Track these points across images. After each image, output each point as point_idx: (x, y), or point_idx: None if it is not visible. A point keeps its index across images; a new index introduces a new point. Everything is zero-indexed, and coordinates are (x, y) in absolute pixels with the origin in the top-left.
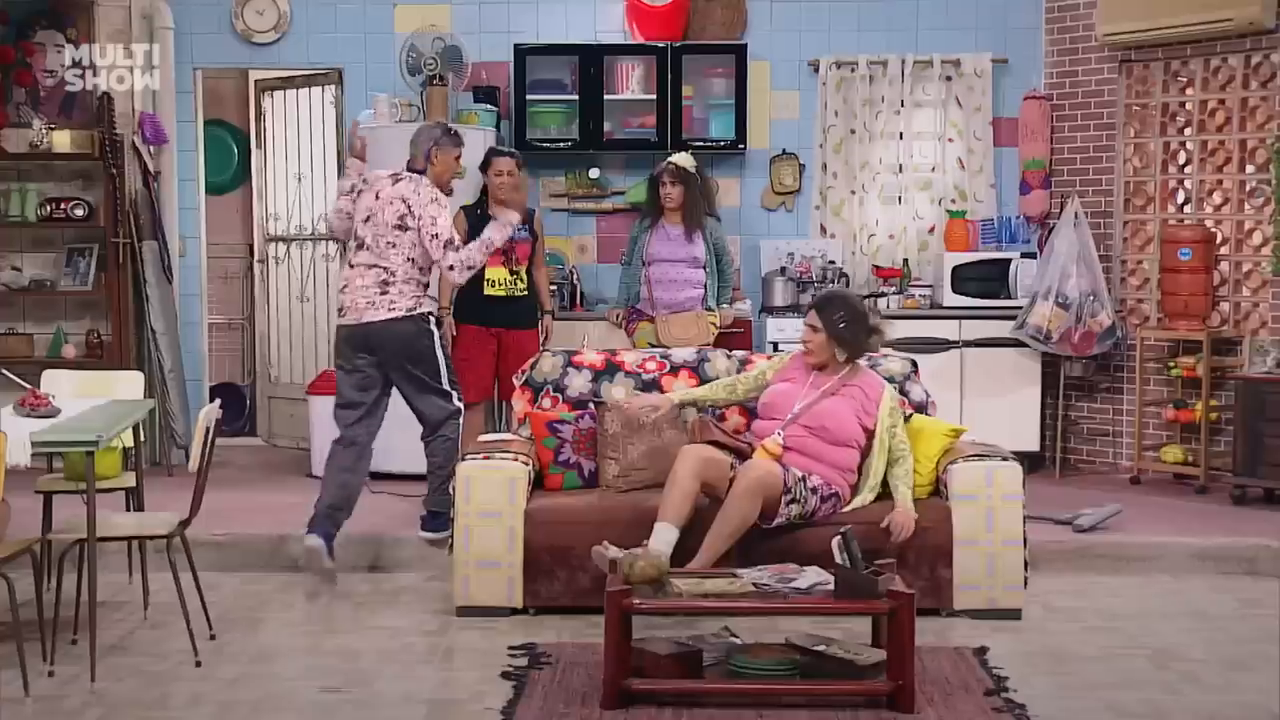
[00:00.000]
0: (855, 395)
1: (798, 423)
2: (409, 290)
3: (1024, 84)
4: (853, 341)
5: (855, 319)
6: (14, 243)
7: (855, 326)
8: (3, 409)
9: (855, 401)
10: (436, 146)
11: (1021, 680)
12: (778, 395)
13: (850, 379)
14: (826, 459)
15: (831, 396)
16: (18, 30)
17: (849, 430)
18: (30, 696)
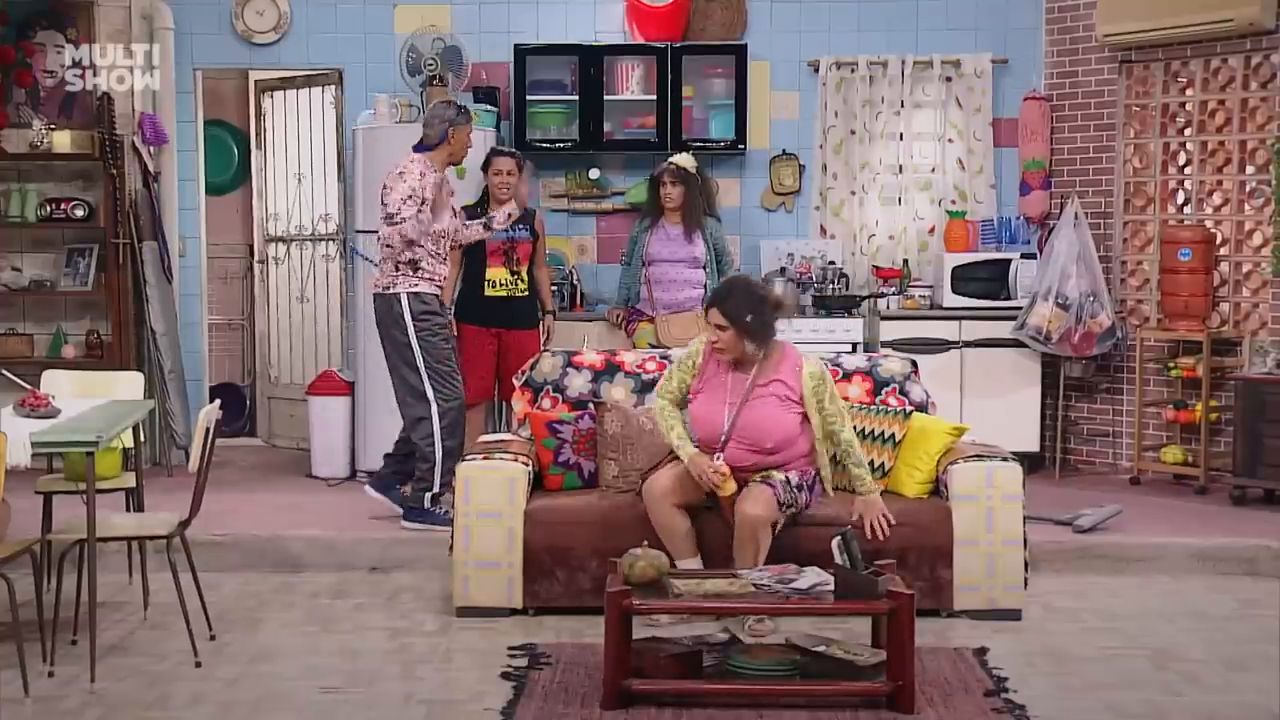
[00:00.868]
0: (777, 389)
1: (732, 441)
2: (387, 268)
3: (1024, 84)
4: (761, 330)
5: (757, 305)
6: (14, 243)
7: (759, 313)
8: (3, 409)
9: (779, 396)
10: (453, 126)
11: (1021, 681)
12: (701, 413)
13: (767, 370)
14: (777, 463)
15: (754, 403)
16: (18, 30)
17: (783, 430)
18: (30, 697)
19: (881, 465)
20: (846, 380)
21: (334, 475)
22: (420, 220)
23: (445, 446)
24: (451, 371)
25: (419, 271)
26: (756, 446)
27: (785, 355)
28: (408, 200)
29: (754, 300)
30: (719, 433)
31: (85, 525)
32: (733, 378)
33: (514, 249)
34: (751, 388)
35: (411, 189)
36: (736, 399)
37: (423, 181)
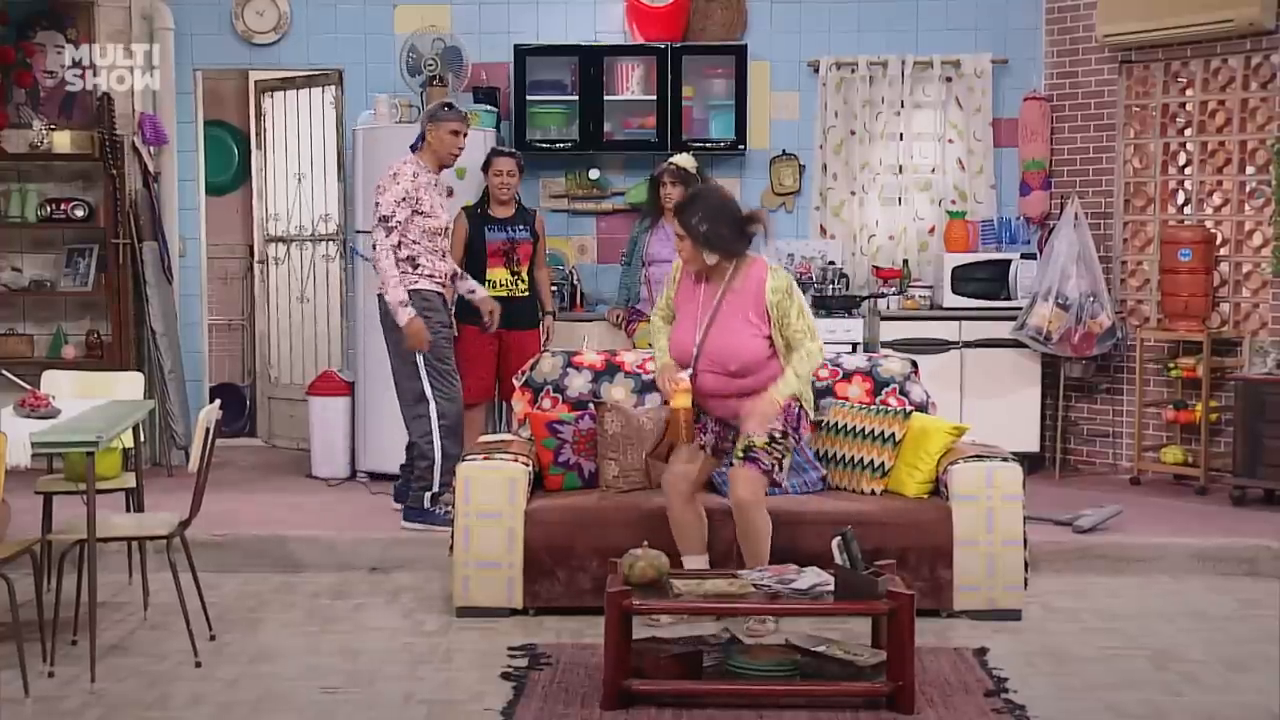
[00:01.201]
0: (742, 306)
1: (702, 363)
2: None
3: (1024, 85)
4: (716, 242)
5: (714, 217)
6: (14, 243)
7: (716, 225)
8: (3, 409)
9: (743, 309)
10: (431, 122)
11: (1021, 681)
12: (675, 334)
13: (735, 281)
14: (746, 391)
15: (720, 322)
16: (18, 31)
17: (750, 353)
18: (30, 697)
19: (881, 465)
20: (847, 380)
21: (334, 475)
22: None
23: (444, 446)
24: (450, 371)
25: (418, 269)
26: (723, 369)
27: (753, 268)
28: (400, 203)
29: (714, 210)
30: (689, 355)
31: (85, 525)
32: (704, 295)
33: (514, 249)
34: (718, 305)
35: (405, 191)
36: (705, 317)
37: (415, 183)
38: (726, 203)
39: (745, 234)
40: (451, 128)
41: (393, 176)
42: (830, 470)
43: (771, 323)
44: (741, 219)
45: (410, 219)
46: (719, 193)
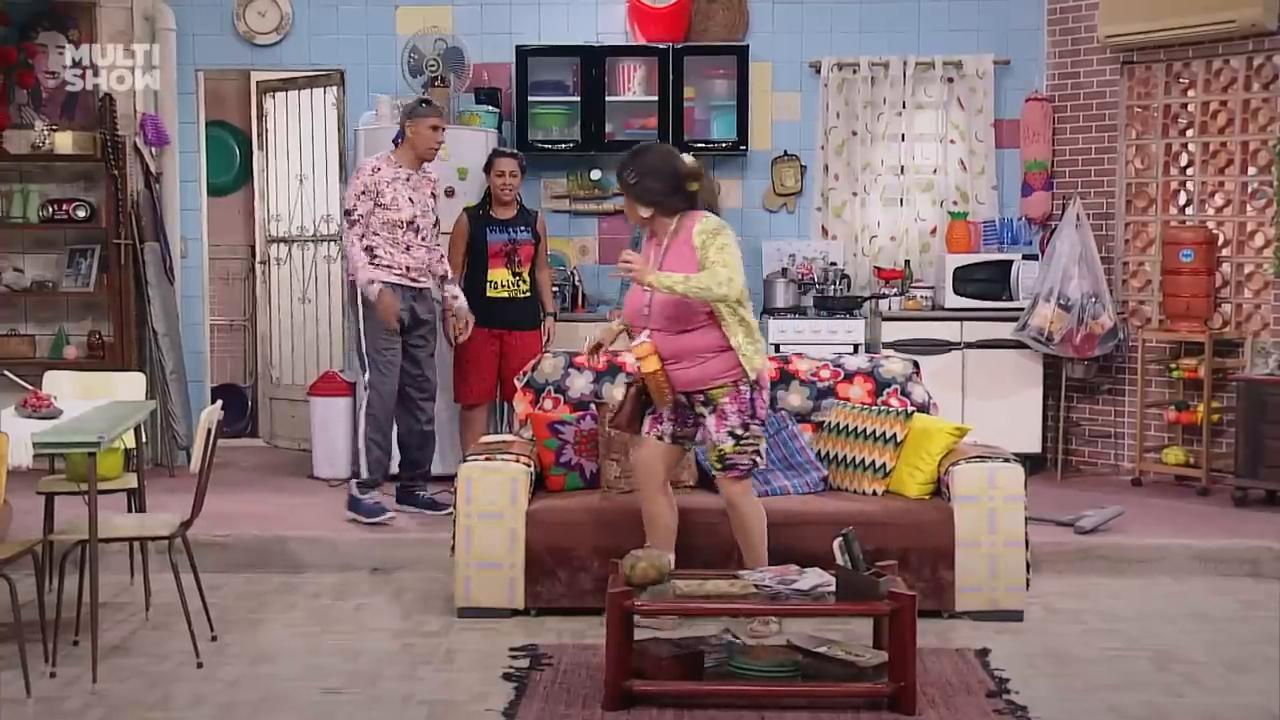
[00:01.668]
0: (681, 254)
1: (651, 319)
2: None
3: (1026, 85)
4: (646, 196)
5: (647, 173)
6: (16, 244)
7: (647, 179)
8: (5, 410)
9: (682, 263)
10: (408, 119)
11: (1023, 682)
12: (628, 297)
13: (677, 236)
14: (693, 349)
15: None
16: (20, 31)
17: (680, 302)
18: (32, 697)
19: (883, 466)
20: (848, 381)
21: (335, 476)
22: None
23: (369, 435)
24: (389, 363)
25: (375, 260)
26: (666, 326)
27: (688, 221)
28: (361, 196)
29: (647, 165)
30: (641, 316)
31: (87, 526)
32: (653, 255)
33: (516, 250)
34: (661, 262)
35: (364, 185)
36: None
37: (375, 177)
38: (663, 159)
39: (681, 190)
40: (431, 123)
41: (357, 171)
42: (832, 471)
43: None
44: (677, 175)
45: (372, 211)
46: (657, 150)
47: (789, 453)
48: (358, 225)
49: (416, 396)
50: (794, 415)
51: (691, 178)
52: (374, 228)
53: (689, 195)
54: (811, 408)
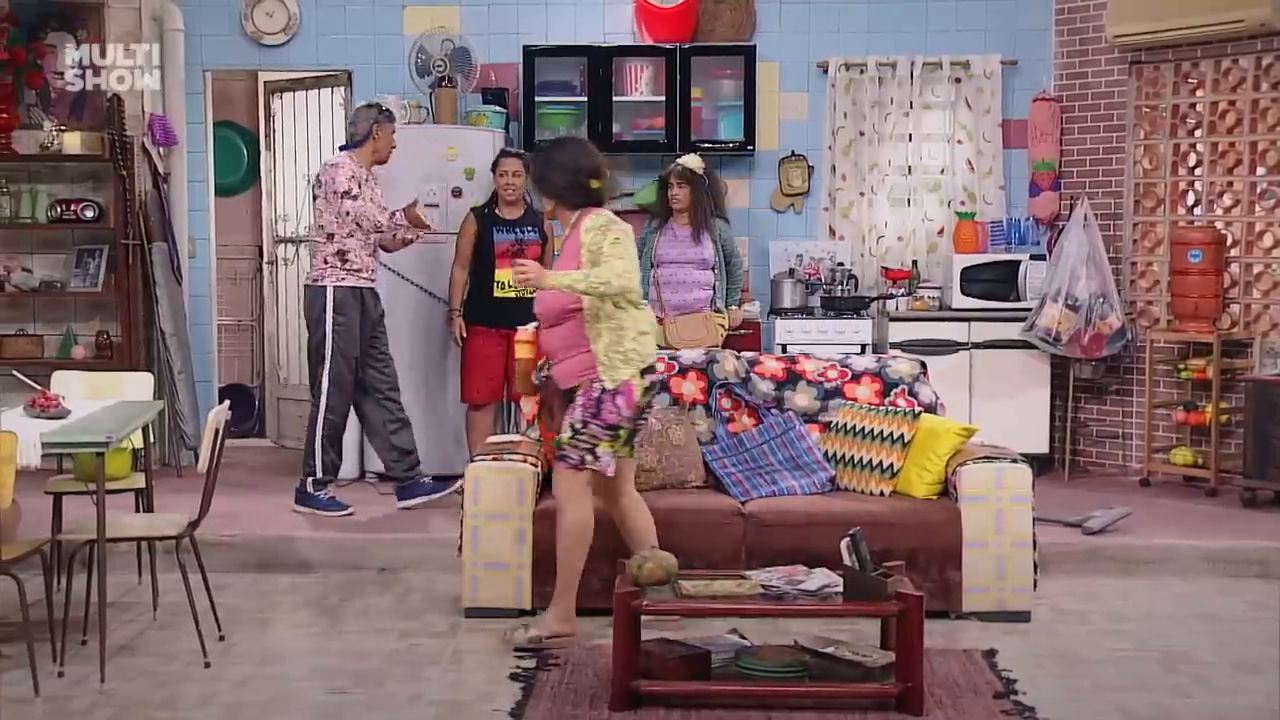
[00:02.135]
0: (572, 249)
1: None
2: (317, 261)
3: (1033, 86)
4: (549, 191)
5: (551, 167)
6: (24, 244)
7: (552, 175)
8: (13, 410)
9: (572, 259)
10: (377, 124)
11: (1031, 683)
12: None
13: (571, 234)
14: (560, 345)
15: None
16: (29, 32)
17: (550, 298)
18: (40, 696)
19: (890, 466)
20: (855, 382)
21: (343, 476)
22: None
23: (326, 432)
24: (351, 361)
25: (346, 264)
26: (543, 320)
27: (584, 218)
28: (351, 180)
29: (550, 159)
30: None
31: (95, 526)
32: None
33: (522, 250)
34: (557, 258)
35: (353, 172)
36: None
37: (352, 177)
38: (569, 153)
39: (582, 186)
40: (393, 129)
41: (335, 166)
42: (839, 471)
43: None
44: (580, 170)
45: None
46: (569, 143)
47: (796, 453)
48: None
49: (386, 389)
50: (801, 415)
51: (593, 175)
52: (348, 229)
53: (589, 192)
54: (819, 408)
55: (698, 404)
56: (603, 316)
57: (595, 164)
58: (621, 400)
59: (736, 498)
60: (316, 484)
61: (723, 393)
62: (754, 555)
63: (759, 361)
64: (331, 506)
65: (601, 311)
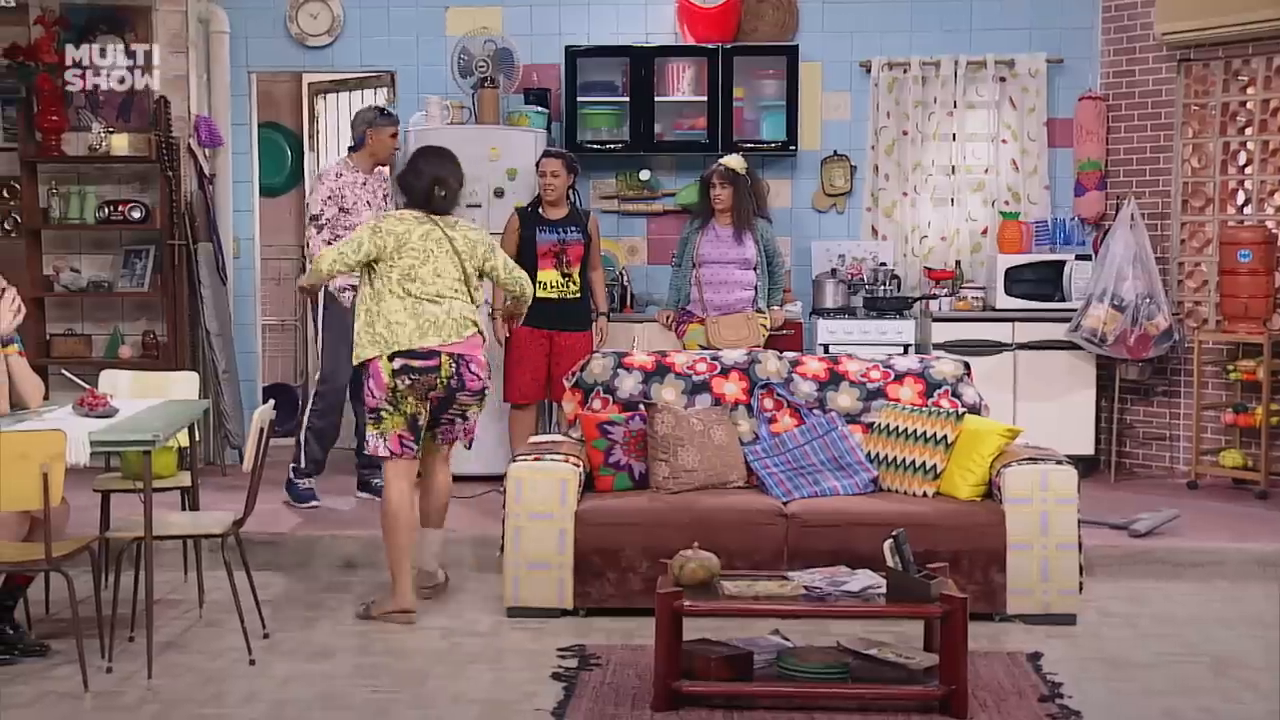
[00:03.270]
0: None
1: None
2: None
3: (1079, 84)
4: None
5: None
6: (74, 244)
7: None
8: (63, 409)
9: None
10: (370, 127)
11: (1076, 686)
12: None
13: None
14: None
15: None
16: (79, 35)
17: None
18: (89, 692)
19: (933, 467)
20: (898, 382)
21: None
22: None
23: (311, 427)
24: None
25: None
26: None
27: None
28: (327, 201)
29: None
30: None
31: (142, 523)
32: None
33: (565, 251)
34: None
35: (330, 190)
36: None
37: (339, 182)
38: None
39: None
40: (390, 131)
41: (320, 177)
42: (881, 472)
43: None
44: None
45: (337, 216)
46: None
47: (838, 453)
48: (325, 230)
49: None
50: (843, 416)
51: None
52: (338, 233)
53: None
54: (861, 409)
55: (740, 404)
56: (364, 299)
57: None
58: (372, 382)
59: (778, 498)
60: (297, 473)
61: (765, 393)
62: (796, 556)
63: (801, 362)
64: (303, 497)
65: (365, 294)
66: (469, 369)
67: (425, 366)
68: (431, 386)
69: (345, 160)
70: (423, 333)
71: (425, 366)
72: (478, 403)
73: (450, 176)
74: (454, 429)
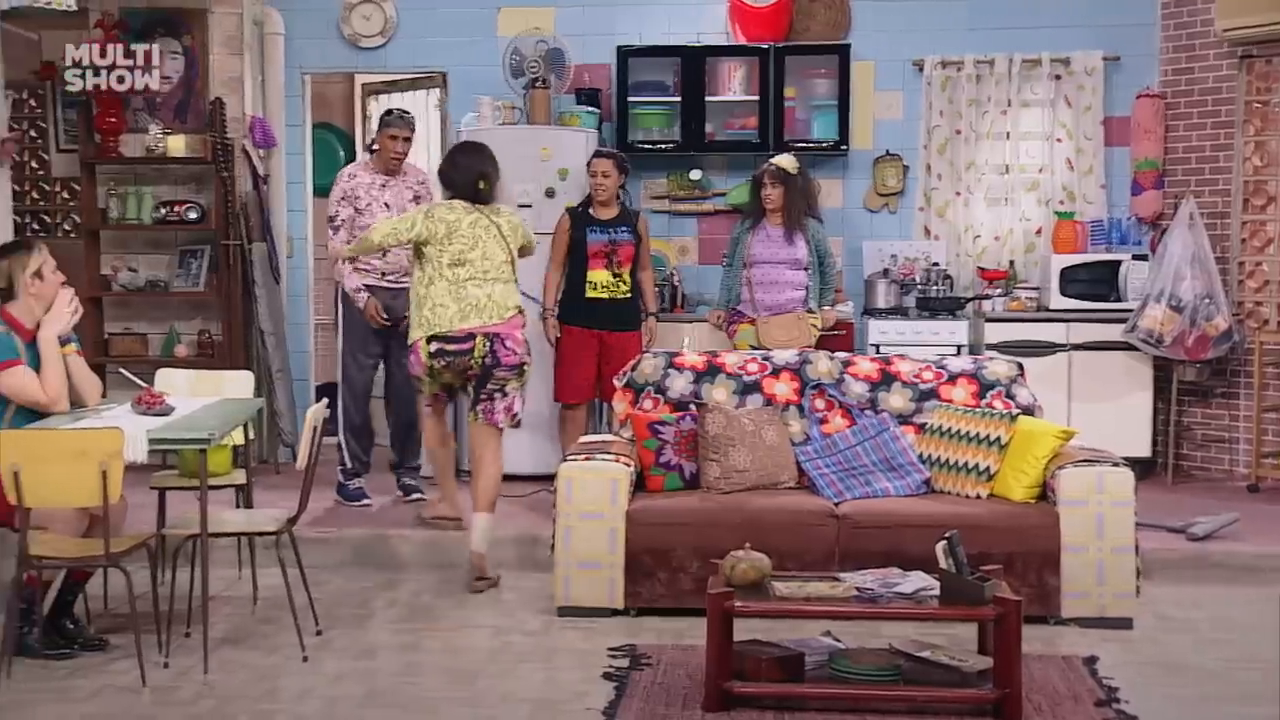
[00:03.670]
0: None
1: None
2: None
3: (1137, 82)
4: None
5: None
6: (131, 244)
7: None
8: (120, 407)
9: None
10: (379, 130)
11: (1134, 691)
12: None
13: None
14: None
15: None
16: (137, 38)
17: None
18: (147, 686)
19: (987, 469)
20: (951, 383)
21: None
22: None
23: (348, 424)
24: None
25: (353, 262)
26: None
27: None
28: (340, 202)
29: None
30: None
31: (198, 521)
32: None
33: (615, 251)
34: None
35: (343, 191)
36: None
37: (351, 183)
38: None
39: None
40: (389, 133)
41: (335, 179)
42: (934, 473)
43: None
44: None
45: (353, 217)
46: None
47: (890, 454)
48: (342, 230)
49: (400, 394)
50: (896, 417)
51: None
52: (354, 233)
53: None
54: (913, 409)
55: (791, 405)
56: (418, 283)
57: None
58: (413, 358)
59: (830, 499)
60: (345, 474)
61: (816, 393)
62: (847, 557)
63: (853, 362)
64: (354, 497)
65: (417, 278)
66: (504, 345)
67: (459, 350)
68: (468, 366)
69: (364, 163)
70: (464, 315)
71: (459, 350)
72: (515, 377)
73: (491, 170)
74: (494, 405)
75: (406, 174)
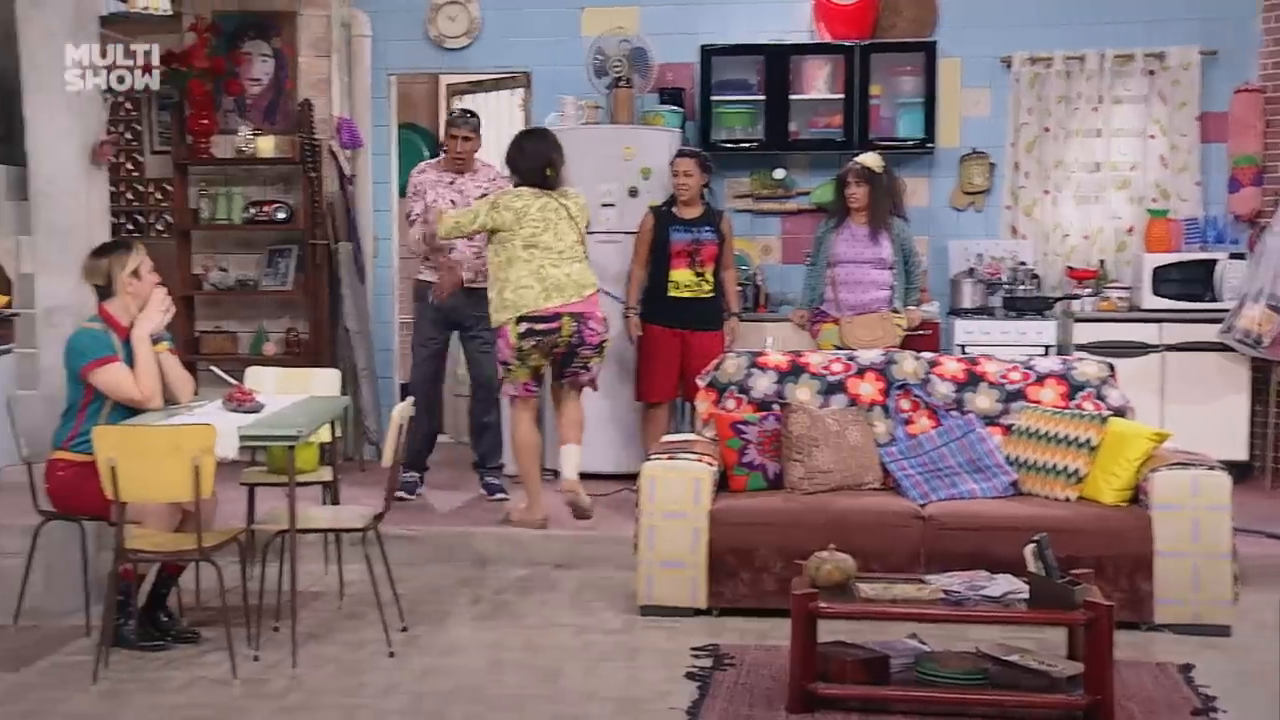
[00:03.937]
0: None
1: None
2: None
3: (1235, 77)
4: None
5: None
6: (221, 244)
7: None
8: (212, 404)
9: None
10: (447, 132)
11: (1232, 700)
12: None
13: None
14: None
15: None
16: (228, 41)
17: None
18: (238, 679)
19: (1076, 471)
20: (1039, 384)
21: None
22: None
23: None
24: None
25: (427, 260)
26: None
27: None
28: (413, 197)
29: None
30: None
31: (286, 517)
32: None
33: (698, 250)
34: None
35: (413, 186)
36: None
37: (420, 178)
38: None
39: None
40: (451, 132)
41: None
42: (1021, 475)
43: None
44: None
45: (424, 210)
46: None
47: (976, 456)
48: (417, 224)
49: (480, 394)
50: (982, 418)
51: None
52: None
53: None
54: (1000, 410)
55: (876, 405)
56: (495, 268)
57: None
58: (501, 341)
59: (915, 500)
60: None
61: (901, 394)
62: (933, 559)
63: (938, 362)
64: (404, 487)
65: (494, 264)
66: (588, 325)
67: (548, 329)
68: (555, 345)
69: (436, 161)
70: (547, 295)
71: (548, 329)
72: (598, 354)
73: (556, 156)
74: (579, 378)
75: (477, 171)
